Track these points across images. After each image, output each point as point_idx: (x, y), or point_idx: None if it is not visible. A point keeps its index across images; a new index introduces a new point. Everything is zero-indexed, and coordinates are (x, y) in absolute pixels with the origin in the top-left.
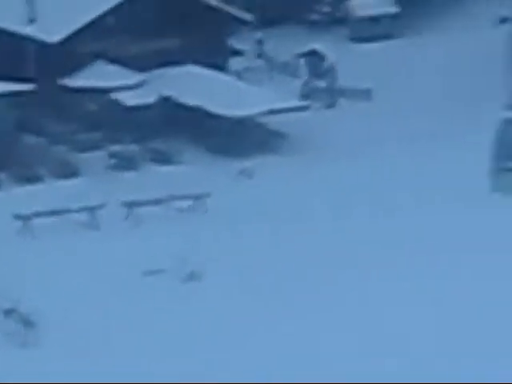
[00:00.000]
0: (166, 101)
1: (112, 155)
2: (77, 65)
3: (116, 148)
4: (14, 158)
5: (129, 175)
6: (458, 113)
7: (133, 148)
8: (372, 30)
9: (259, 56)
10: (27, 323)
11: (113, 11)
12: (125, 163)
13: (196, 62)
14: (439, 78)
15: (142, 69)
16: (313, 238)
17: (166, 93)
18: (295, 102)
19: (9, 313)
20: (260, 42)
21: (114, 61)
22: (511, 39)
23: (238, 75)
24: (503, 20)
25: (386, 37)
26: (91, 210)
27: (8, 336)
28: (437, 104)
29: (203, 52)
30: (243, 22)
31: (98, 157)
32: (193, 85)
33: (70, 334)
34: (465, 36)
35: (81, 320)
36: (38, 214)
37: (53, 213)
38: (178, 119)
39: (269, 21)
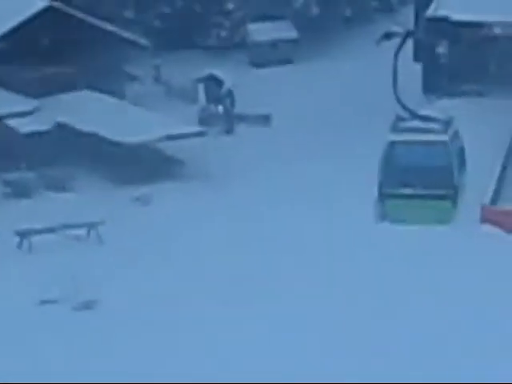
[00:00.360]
0: (61, 127)
1: (6, 183)
2: None
3: (10, 176)
4: None
5: (23, 203)
6: (353, 136)
7: (28, 175)
8: (271, 55)
9: (157, 81)
10: None
11: (6, 37)
12: (19, 191)
13: (92, 87)
14: (336, 102)
15: (36, 95)
16: (211, 263)
17: (62, 119)
18: (192, 128)
19: None
20: (157, 68)
21: (7, 87)
22: (396, 57)
23: (135, 101)
24: (387, 35)
25: (285, 62)
26: None
27: None
28: (334, 127)
29: (99, 77)
30: (140, 48)
31: None
32: (88, 111)
33: None
34: (358, 59)
35: None
36: None
37: None
38: (73, 146)
39: (166, 46)
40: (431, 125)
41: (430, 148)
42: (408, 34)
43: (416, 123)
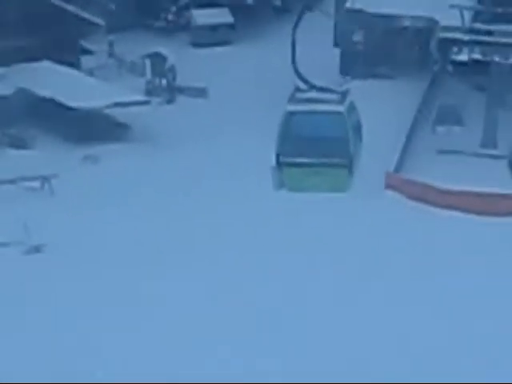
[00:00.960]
0: (22, 92)
1: None
2: None
3: None
4: None
5: None
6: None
7: None
8: (210, 37)
9: (110, 56)
10: None
11: None
12: None
13: (52, 59)
14: (266, 78)
15: (2, 64)
16: (153, 219)
17: (23, 85)
18: (139, 97)
19: None
20: (111, 44)
21: None
22: (294, 31)
23: (90, 72)
24: (276, 10)
25: (223, 43)
26: None
27: None
28: (263, 100)
29: (59, 50)
30: (96, 26)
31: None
32: (48, 79)
33: None
34: (286, 42)
35: None
36: None
37: None
38: (33, 109)
39: (120, 26)
40: (328, 96)
41: (325, 118)
42: (304, 9)
43: (313, 94)
